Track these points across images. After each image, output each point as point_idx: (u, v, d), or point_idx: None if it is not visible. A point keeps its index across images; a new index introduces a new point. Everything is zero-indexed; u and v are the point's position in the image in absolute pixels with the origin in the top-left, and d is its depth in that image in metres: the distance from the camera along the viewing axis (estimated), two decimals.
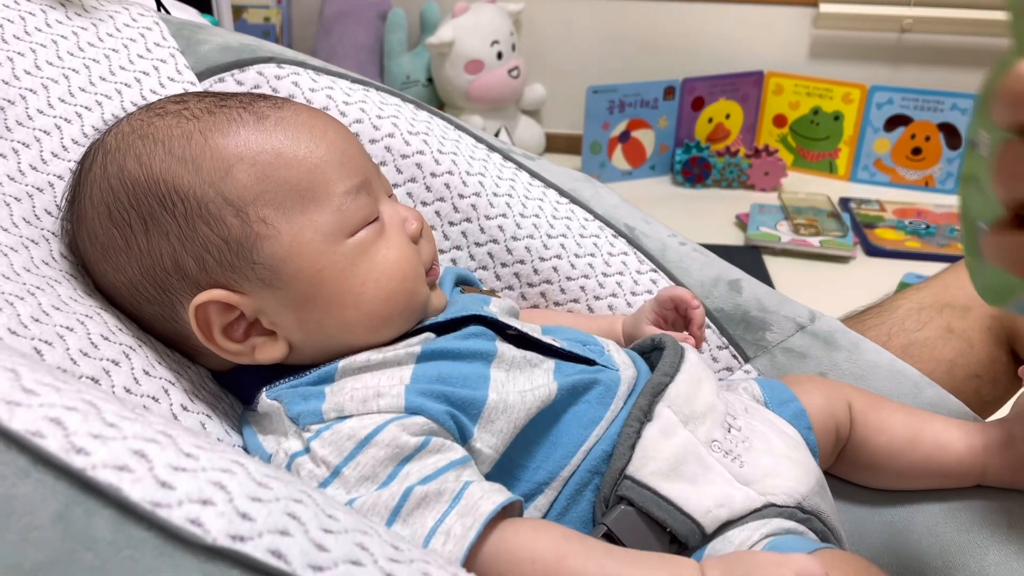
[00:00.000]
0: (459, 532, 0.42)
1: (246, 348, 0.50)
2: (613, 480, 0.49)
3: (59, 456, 0.30)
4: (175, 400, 0.48)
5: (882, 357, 0.70)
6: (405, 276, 0.52)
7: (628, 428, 0.51)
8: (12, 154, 0.53)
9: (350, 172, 0.51)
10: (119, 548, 0.29)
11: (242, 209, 0.48)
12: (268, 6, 2.15)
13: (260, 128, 0.50)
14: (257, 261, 0.48)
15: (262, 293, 0.49)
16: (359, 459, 0.45)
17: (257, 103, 0.52)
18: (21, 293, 0.45)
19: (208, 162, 0.48)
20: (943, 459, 0.59)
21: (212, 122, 0.50)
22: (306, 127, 0.51)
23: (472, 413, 0.48)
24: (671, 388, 0.53)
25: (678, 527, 0.48)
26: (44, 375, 0.34)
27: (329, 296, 0.50)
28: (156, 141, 0.49)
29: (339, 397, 0.47)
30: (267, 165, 0.49)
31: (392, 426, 0.45)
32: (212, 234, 0.48)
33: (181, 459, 0.32)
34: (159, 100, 0.54)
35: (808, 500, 0.52)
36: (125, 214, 0.49)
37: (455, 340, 0.52)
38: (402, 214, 0.55)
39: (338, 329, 0.50)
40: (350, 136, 0.55)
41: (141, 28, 0.68)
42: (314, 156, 0.50)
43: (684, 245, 0.76)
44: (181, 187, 0.48)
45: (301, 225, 0.49)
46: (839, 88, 2.03)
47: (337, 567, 0.32)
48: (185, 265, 0.48)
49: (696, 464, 0.50)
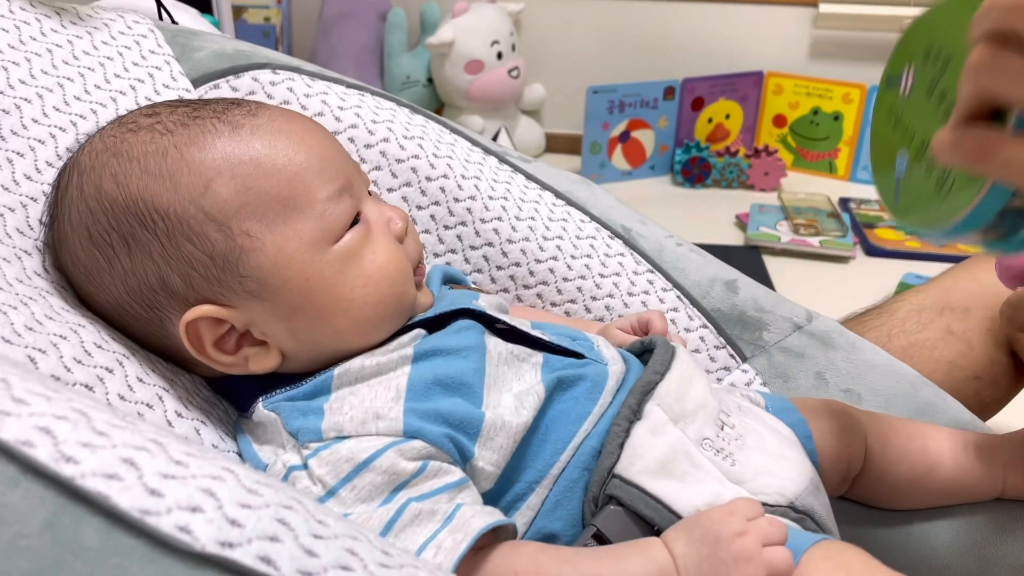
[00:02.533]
0: (450, 545, 0.42)
1: (239, 359, 0.50)
2: (602, 479, 0.50)
3: (48, 465, 0.31)
4: (169, 407, 0.48)
5: (879, 357, 0.70)
6: (393, 280, 0.52)
7: (616, 427, 0.51)
8: (7, 164, 0.54)
9: (331, 176, 0.51)
10: (107, 556, 0.30)
11: (224, 223, 0.48)
12: (268, 6, 2.14)
13: (236, 138, 0.49)
14: (244, 274, 0.48)
15: (251, 305, 0.49)
16: (356, 482, 0.45)
17: (231, 111, 0.51)
18: (14, 303, 0.45)
19: (186, 178, 0.48)
20: (964, 481, 0.59)
21: (187, 135, 0.49)
22: (283, 133, 0.51)
23: (471, 432, 0.48)
24: (661, 386, 0.53)
25: (666, 525, 0.48)
26: (35, 384, 0.34)
27: (318, 304, 0.49)
28: (131, 159, 0.49)
29: (338, 416, 0.47)
30: (246, 177, 0.48)
31: (390, 452, 0.45)
32: (196, 250, 0.48)
33: (171, 467, 0.32)
34: (130, 113, 0.53)
35: (801, 499, 0.52)
36: (106, 235, 0.48)
37: (446, 336, 0.52)
38: (386, 214, 0.54)
39: (329, 336, 0.50)
40: (327, 136, 0.54)
41: (136, 36, 0.69)
42: (293, 164, 0.50)
43: (681, 246, 0.76)
44: (160, 205, 0.47)
45: (285, 235, 0.49)
46: (839, 88, 2.03)
47: (327, 572, 0.32)
48: (171, 283, 0.48)
49: (686, 462, 0.50)
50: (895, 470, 0.60)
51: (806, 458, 0.55)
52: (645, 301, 0.72)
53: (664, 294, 0.72)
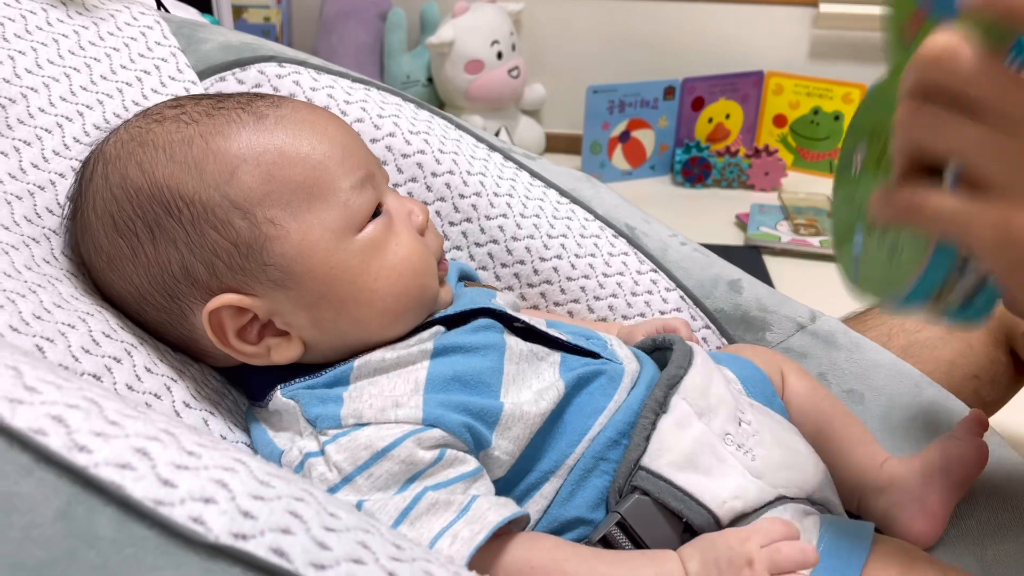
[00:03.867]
0: (467, 536, 0.43)
1: (261, 349, 0.50)
2: (628, 471, 0.50)
3: (61, 454, 0.30)
4: (177, 397, 0.48)
5: (883, 357, 0.70)
6: (416, 271, 0.52)
7: (643, 419, 0.51)
8: (13, 152, 0.53)
9: (353, 166, 0.51)
10: (121, 546, 0.29)
11: (249, 211, 0.48)
12: (268, 6, 2.14)
13: (260, 128, 0.49)
14: (268, 262, 0.48)
15: (274, 294, 0.49)
16: (372, 470, 0.45)
17: (255, 103, 0.51)
18: (22, 291, 0.44)
19: (211, 166, 0.48)
20: (833, 474, 0.58)
21: (212, 125, 0.49)
22: (306, 124, 0.51)
23: (489, 421, 0.48)
24: (686, 380, 0.53)
25: (694, 517, 0.48)
26: (46, 373, 0.34)
27: (342, 294, 0.49)
28: (157, 147, 0.49)
29: (357, 404, 0.47)
30: (271, 165, 0.48)
31: (408, 441, 0.45)
32: (221, 238, 0.48)
33: (183, 457, 0.32)
34: (155, 106, 0.53)
35: (817, 493, 0.53)
36: (130, 223, 0.49)
37: (466, 334, 0.52)
38: (407, 207, 0.54)
39: (352, 326, 0.50)
40: (349, 130, 0.54)
41: (142, 27, 0.68)
42: (317, 153, 0.50)
43: (685, 245, 0.76)
44: (186, 193, 0.48)
45: (309, 223, 0.49)
46: (839, 88, 2.03)
47: (339, 565, 0.32)
48: (195, 271, 0.48)
49: (711, 456, 0.51)
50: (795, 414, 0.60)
51: (815, 452, 0.56)
52: (648, 301, 0.72)
53: (667, 294, 0.72)
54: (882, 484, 0.57)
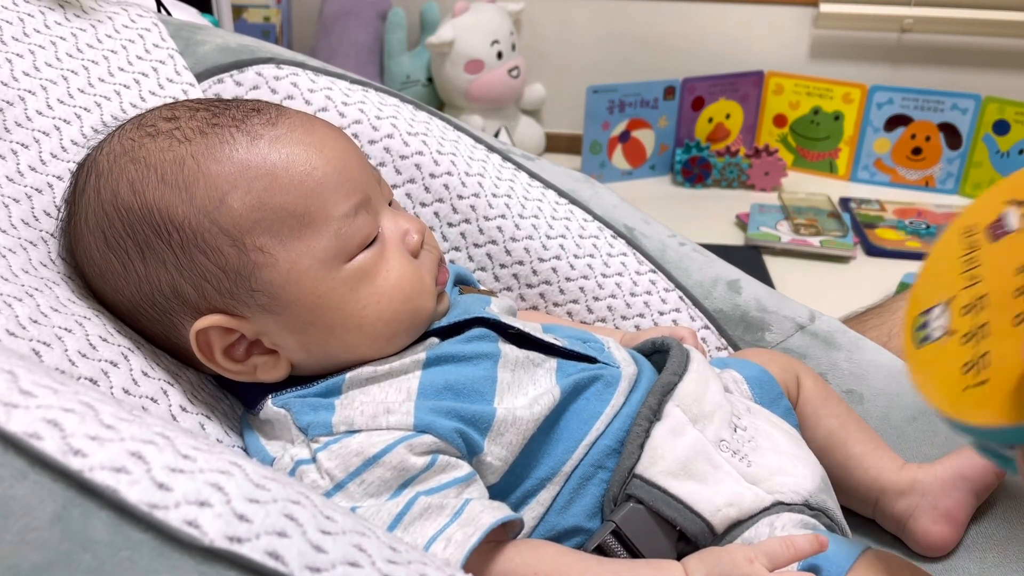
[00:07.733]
0: (460, 539, 0.43)
1: (248, 368, 0.50)
2: (622, 479, 0.50)
3: (56, 458, 0.30)
4: (174, 401, 0.48)
5: (882, 357, 0.70)
6: (407, 296, 0.51)
7: (637, 427, 0.51)
8: (11, 155, 0.53)
9: (348, 192, 0.50)
10: (117, 549, 0.29)
11: (238, 239, 0.47)
12: (268, 6, 2.14)
13: (254, 150, 0.48)
14: (256, 288, 0.48)
15: (263, 317, 0.49)
16: (364, 477, 0.45)
17: (250, 120, 0.50)
18: (19, 295, 0.44)
19: (202, 190, 0.47)
20: (850, 477, 0.59)
21: (205, 145, 0.48)
22: (302, 145, 0.49)
23: (482, 427, 0.48)
24: (680, 387, 0.53)
25: (688, 526, 0.48)
26: (42, 377, 0.34)
27: (330, 320, 0.49)
28: (148, 166, 0.48)
29: (349, 411, 0.47)
30: (262, 192, 0.48)
31: (400, 448, 0.45)
32: (209, 263, 0.47)
33: (179, 461, 0.32)
34: (149, 114, 0.52)
35: (814, 497, 0.52)
36: (121, 241, 0.48)
37: (459, 344, 0.52)
38: (403, 227, 0.53)
39: (341, 349, 0.50)
40: (349, 146, 0.53)
41: (140, 29, 0.68)
42: (310, 179, 0.49)
43: (684, 245, 0.76)
44: (176, 217, 0.47)
45: (298, 252, 0.48)
46: (839, 88, 2.03)
47: (335, 568, 0.32)
48: (184, 292, 0.48)
49: (705, 463, 0.50)
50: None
51: (814, 456, 0.56)
52: (647, 301, 0.72)
53: (666, 294, 0.72)
54: (903, 487, 0.58)
